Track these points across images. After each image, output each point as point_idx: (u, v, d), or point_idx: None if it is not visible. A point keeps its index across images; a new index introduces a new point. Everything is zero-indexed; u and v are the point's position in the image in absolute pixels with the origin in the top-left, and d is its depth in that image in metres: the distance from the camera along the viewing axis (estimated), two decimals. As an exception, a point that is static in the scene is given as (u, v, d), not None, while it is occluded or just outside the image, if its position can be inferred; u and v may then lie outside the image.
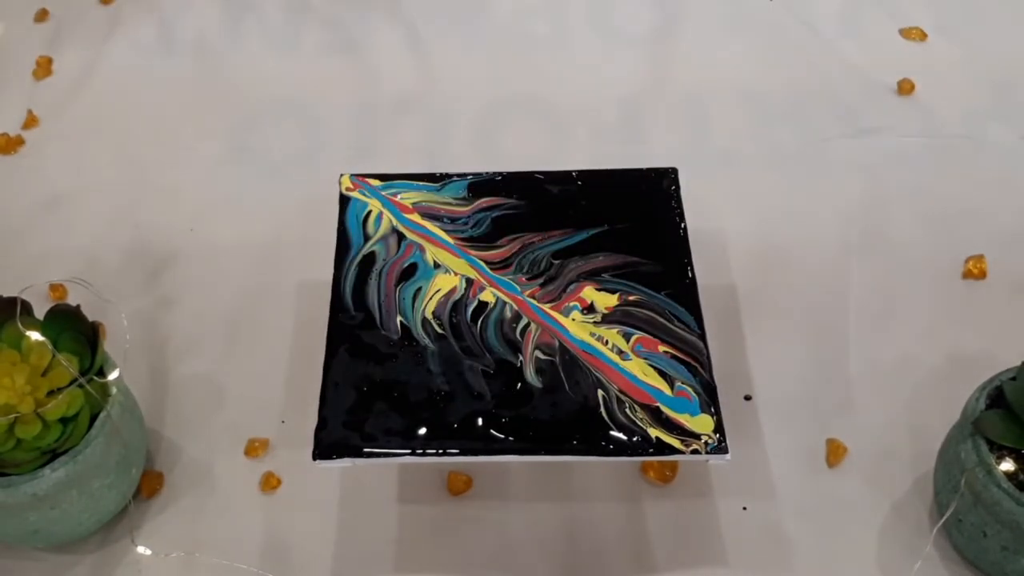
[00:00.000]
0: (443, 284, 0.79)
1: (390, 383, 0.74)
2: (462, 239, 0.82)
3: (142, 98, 1.12)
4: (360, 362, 0.76)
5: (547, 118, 1.09)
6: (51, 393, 0.73)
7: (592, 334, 0.76)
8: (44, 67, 1.15)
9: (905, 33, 1.16)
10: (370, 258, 0.81)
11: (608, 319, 0.77)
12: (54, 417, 0.72)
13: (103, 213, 1.02)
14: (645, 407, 0.72)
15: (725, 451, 0.71)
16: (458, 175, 0.87)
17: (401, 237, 0.82)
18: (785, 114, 1.09)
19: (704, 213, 0.97)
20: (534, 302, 0.78)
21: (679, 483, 0.83)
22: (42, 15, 1.20)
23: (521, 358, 0.75)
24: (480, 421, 0.72)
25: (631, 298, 0.78)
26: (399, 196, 0.85)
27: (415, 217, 0.84)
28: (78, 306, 0.78)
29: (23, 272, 0.95)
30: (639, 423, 0.72)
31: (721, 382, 0.75)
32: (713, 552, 0.80)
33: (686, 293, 0.79)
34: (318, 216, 0.90)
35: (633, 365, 0.75)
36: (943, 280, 0.95)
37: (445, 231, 0.83)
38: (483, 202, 0.85)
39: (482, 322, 0.77)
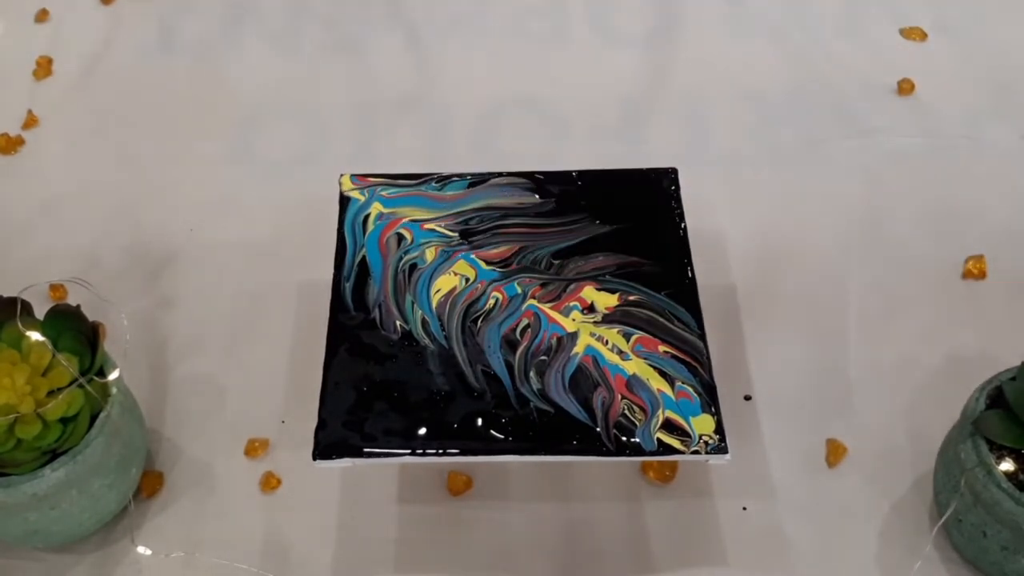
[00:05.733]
0: (443, 284, 0.80)
1: (390, 383, 0.75)
2: (462, 239, 0.82)
3: (142, 98, 1.12)
4: (360, 362, 0.76)
5: (547, 118, 1.09)
6: (51, 393, 0.73)
7: (592, 334, 0.76)
8: (44, 67, 1.15)
9: (905, 33, 1.16)
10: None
11: (608, 319, 0.77)
12: (54, 417, 0.72)
13: (103, 213, 1.02)
14: (644, 407, 0.72)
15: (725, 451, 0.71)
16: (458, 175, 0.87)
17: (401, 237, 0.82)
18: (785, 114, 1.09)
19: (704, 213, 0.97)
20: (534, 302, 0.78)
21: (679, 483, 0.83)
22: (42, 15, 1.20)
23: (521, 358, 0.75)
24: (480, 421, 0.73)
25: (631, 298, 0.78)
26: (399, 196, 0.85)
27: (415, 217, 0.84)
28: (78, 306, 0.78)
29: (23, 272, 0.95)
30: (639, 423, 0.72)
31: (721, 382, 0.75)
32: (713, 552, 0.80)
33: (686, 293, 0.79)
34: (318, 216, 0.90)
35: (633, 365, 0.75)
36: (943, 280, 0.95)
37: (446, 230, 0.83)
38: (483, 202, 0.85)
39: (482, 322, 0.77)
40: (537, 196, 0.85)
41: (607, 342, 0.76)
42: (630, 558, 0.80)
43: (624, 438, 0.71)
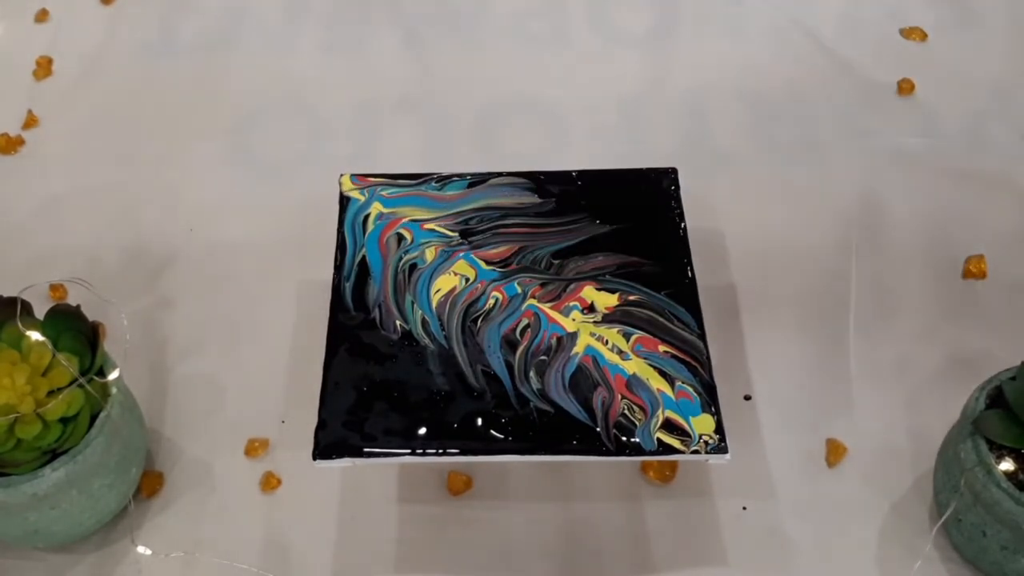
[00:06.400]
0: (443, 284, 0.80)
1: (390, 383, 0.75)
2: (462, 239, 0.82)
3: (142, 98, 1.12)
4: (360, 362, 0.76)
5: (547, 118, 1.09)
6: (51, 393, 0.73)
7: (592, 334, 0.76)
8: (44, 67, 1.15)
9: (905, 33, 1.16)
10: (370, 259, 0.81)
11: (608, 319, 0.77)
12: (54, 417, 0.72)
13: (103, 213, 1.02)
14: (644, 407, 0.72)
15: (725, 451, 0.71)
16: (458, 175, 0.87)
17: (401, 237, 0.82)
18: (785, 114, 1.09)
19: (704, 213, 0.97)
20: (534, 302, 0.78)
21: (679, 483, 0.83)
22: (42, 15, 1.20)
23: (521, 358, 0.75)
24: (480, 421, 0.73)
25: (631, 298, 0.78)
26: (399, 196, 0.85)
27: (415, 217, 0.84)
28: (78, 306, 0.78)
29: (23, 272, 0.95)
30: (639, 423, 0.72)
31: (721, 382, 0.75)
32: (713, 552, 0.80)
33: (686, 293, 0.79)
34: (318, 216, 0.90)
35: (633, 365, 0.75)
36: (943, 280, 0.95)
37: (446, 230, 0.83)
38: (483, 202, 0.85)
39: (482, 322, 0.77)
40: (537, 196, 0.85)
41: (607, 342, 0.76)
42: (630, 558, 0.80)
43: (624, 438, 0.71)
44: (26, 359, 0.74)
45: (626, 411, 0.72)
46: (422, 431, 0.72)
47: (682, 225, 0.83)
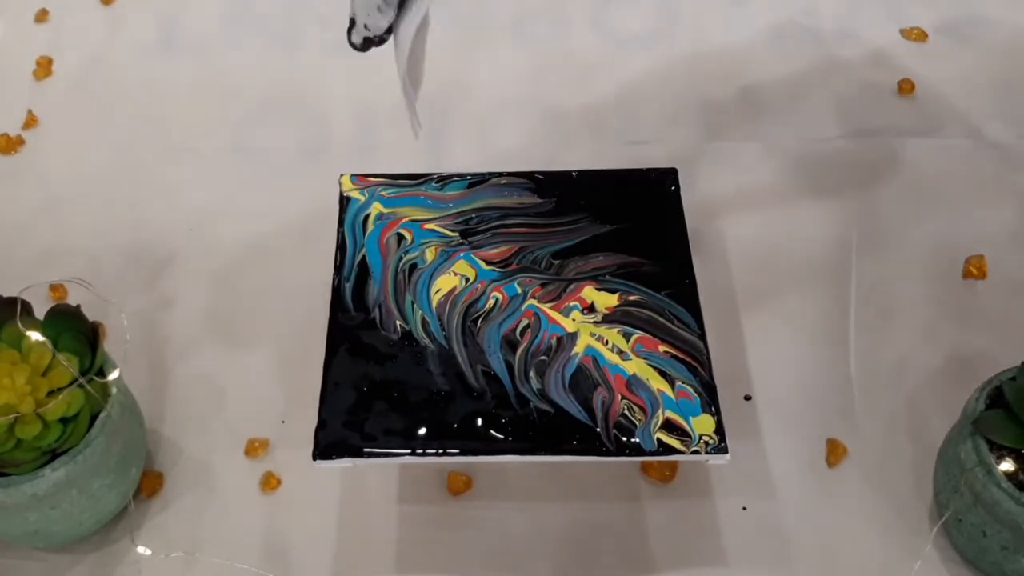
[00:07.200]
0: (443, 284, 0.80)
1: (390, 383, 0.75)
2: (462, 239, 0.82)
3: (142, 98, 1.12)
4: (360, 362, 0.76)
5: (547, 118, 1.09)
6: (51, 393, 0.73)
7: (592, 334, 0.76)
8: (44, 67, 1.15)
9: (905, 33, 1.16)
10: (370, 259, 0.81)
11: (608, 319, 0.77)
12: (54, 417, 0.72)
13: (103, 213, 1.02)
14: (644, 407, 0.72)
15: (725, 451, 0.71)
16: (458, 175, 0.87)
17: (401, 237, 0.82)
18: (785, 114, 1.09)
19: (704, 213, 0.97)
20: (534, 302, 0.78)
21: (679, 483, 0.83)
22: (42, 15, 1.20)
23: (521, 358, 0.75)
24: (480, 421, 0.73)
25: (631, 298, 0.78)
26: (399, 196, 0.85)
27: (415, 217, 0.84)
28: (78, 306, 0.78)
29: (23, 272, 0.96)
30: (639, 423, 0.72)
31: (721, 382, 0.75)
32: (713, 552, 0.80)
33: (686, 293, 0.79)
34: (318, 216, 0.90)
35: (633, 365, 0.75)
36: (943, 280, 0.95)
37: (446, 230, 0.83)
38: (483, 202, 0.85)
39: (482, 322, 0.77)
40: (537, 196, 0.85)
41: (607, 342, 0.76)
42: (630, 558, 0.80)
43: (624, 438, 0.71)
44: (26, 359, 0.74)
45: (626, 411, 0.72)
46: (422, 431, 0.72)
47: (682, 225, 0.83)
